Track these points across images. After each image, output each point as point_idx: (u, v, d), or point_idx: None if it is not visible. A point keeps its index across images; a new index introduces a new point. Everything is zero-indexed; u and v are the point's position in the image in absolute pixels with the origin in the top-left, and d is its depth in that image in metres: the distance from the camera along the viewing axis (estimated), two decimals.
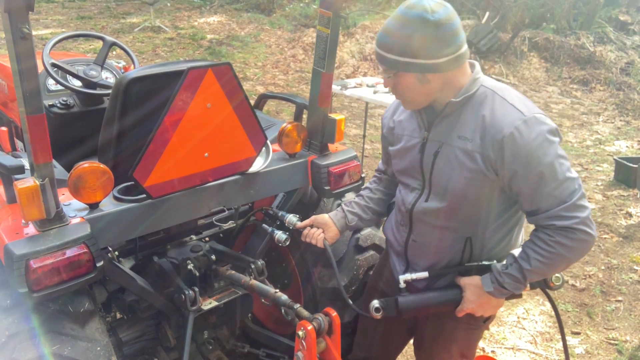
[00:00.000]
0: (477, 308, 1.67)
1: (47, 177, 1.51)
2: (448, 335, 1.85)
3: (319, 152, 2.28)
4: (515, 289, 1.60)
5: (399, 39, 1.47)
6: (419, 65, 1.48)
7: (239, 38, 10.43)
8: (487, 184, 1.55)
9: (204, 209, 2.00)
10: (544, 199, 1.48)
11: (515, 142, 1.45)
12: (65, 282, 1.58)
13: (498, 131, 1.47)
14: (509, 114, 1.48)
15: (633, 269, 4.10)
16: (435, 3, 1.45)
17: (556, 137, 1.49)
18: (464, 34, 1.51)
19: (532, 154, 1.45)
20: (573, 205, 1.45)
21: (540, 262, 1.52)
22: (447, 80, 1.53)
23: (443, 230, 1.69)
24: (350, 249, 2.35)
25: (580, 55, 10.04)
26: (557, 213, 1.46)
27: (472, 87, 1.54)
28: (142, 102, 1.93)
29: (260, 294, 2.05)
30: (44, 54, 2.59)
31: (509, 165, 1.48)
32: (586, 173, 6.01)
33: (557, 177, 1.45)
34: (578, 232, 1.46)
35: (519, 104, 1.51)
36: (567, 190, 1.46)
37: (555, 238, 1.48)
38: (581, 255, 1.53)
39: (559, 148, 1.49)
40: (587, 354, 3.18)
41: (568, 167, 1.48)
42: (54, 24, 10.84)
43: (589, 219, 1.47)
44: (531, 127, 1.45)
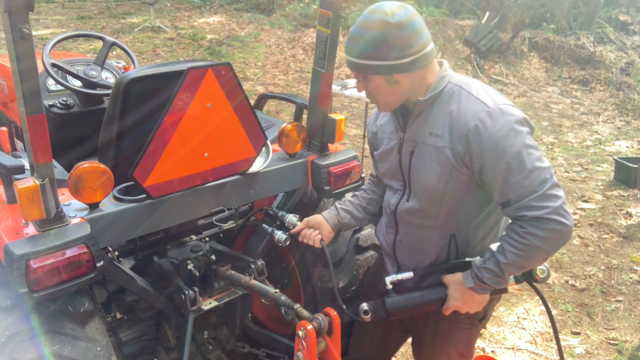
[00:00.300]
0: (461, 305, 1.67)
1: (47, 177, 1.51)
2: (444, 336, 1.85)
3: (319, 152, 2.28)
4: (496, 284, 1.59)
5: (364, 43, 1.51)
6: (385, 66, 1.51)
7: (239, 38, 10.43)
8: (461, 178, 1.57)
9: (204, 209, 2.00)
10: (514, 190, 1.47)
11: (479, 134, 1.47)
12: (65, 282, 1.58)
13: (463, 125, 1.49)
14: (473, 107, 1.50)
15: (633, 269, 4.10)
16: (395, 6, 1.49)
17: (524, 126, 1.49)
18: (428, 33, 1.53)
19: (498, 144, 1.45)
20: (544, 194, 1.44)
21: (516, 255, 1.50)
22: (416, 79, 1.56)
23: (426, 229, 1.71)
24: (350, 249, 2.35)
25: (580, 55, 10.04)
26: (528, 203, 1.45)
27: (440, 85, 1.57)
28: (142, 102, 1.93)
29: (260, 294, 2.05)
30: (44, 54, 2.59)
31: (477, 158, 1.49)
32: (586, 173, 6.01)
33: (525, 166, 1.45)
34: (550, 222, 1.43)
35: (484, 96, 1.52)
36: (536, 179, 1.45)
37: (527, 229, 1.47)
38: (557, 245, 1.51)
39: (528, 138, 1.49)
40: (587, 354, 3.18)
41: (538, 157, 1.47)
42: (54, 24, 10.84)
43: (562, 208, 1.44)
44: (495, 119, 1.47)
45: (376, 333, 2.10)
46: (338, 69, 9.23)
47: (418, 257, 1.77)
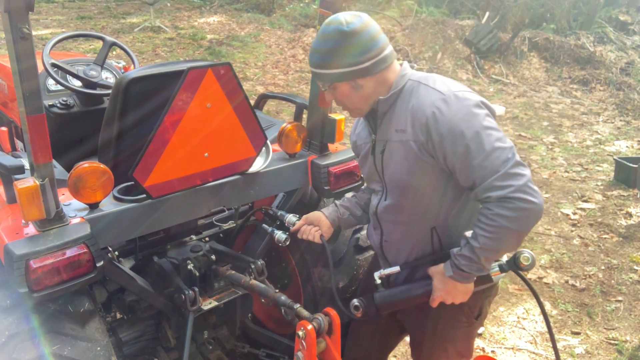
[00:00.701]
0: (445, 295, 1.66)
1: (47, 177, 1.51)
2: (442, 335, 1.85)
3: (318, 152, 2.28)
4: (475, 270, 1.58)
5: (324, 54, 1.59)
6: (348, 73, 1.59)
7: (239, 38, 10.43)
8: (428, 169, 1.59)
9: (204, 209, 2.00)
10: (476, 172, 1.49)
11: (437, 121, 1.51)
12: (65, 282, 1.59)
13: (422, 114, 1.54)
14: (430, 96, 1.55)
15: (633, 269, 4.10)
16: (350, 16, 1.57)
17: (481, 109, 1.52)
18: (385, 37, 1.61)
19: (455, 129, 1.48)
20: (506, 174, 1.44)
21: (487, 238, 1.51)
22: (379, 81, 1.63)
23: (406, 225, 1.74)
24: (350, 249, 2.36)
25: (580, 55, 10.05)
26: (491, 184, 1.46)
27: (400, 83, 1.63)
28: (142, 102, 1.93)
29: (260, 294, 2.05)
30: (44, 54, 2.58)
31: (438, 145, 1.52)
32: (586, 173, 6.01)
33: (485, 148, 1.47)
34: (515, 201, 1.43)
35: (440, 86, 1.57)
36: (497, 159, 1.46)
37: (494, 211, 1.47)
38: (527, 225, 1.49)
39: (486, 120, 1.50)
40: (587, 354, 3.18)
41: (498, 138, 1.48)
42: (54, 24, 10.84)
43: (527, 186, 1.44)
44: (451, 104, 1.51)
45: (375, 333, 2.10)
46: None
47: (404, 254, 1.79)
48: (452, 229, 1.70)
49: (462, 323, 1.82)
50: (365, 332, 2.12)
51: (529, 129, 7.50)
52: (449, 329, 1.83)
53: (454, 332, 1.84)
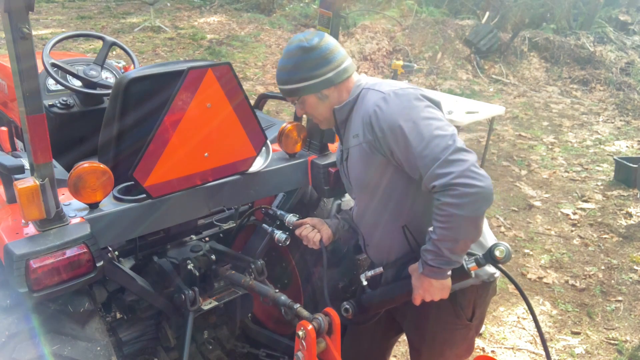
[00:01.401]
0: (423, 293, 1.65)
1: (47, 177, 1.51)
2: (437, 337, 1.86)
3: (318, 152, 2.28)
4: (443, 264, 1.56)
5: (289, 70, 1.71)
6: (312, 85, 1.70)
7: (239, 38, 10.43)
8: (383, 168, 1.64)
9: (204, 209, 2.00)
10: (418, 162, 1.51)
11: (378, 118, 1.58)
12: (65, 282, 1.58)
13: (367, 115, 1.62)
14: (373, 97, 1.64)
15: (633, 269, 4.10)
16: (309, 33, 1.71)
17: (420, 101, 1.56)
18: (344, 51, 1.75)
19: (394, 123, 1.54)
20: (446, 160, 1.45)
21: (442, 229, 1.50)
22: (342, 92, 1.74)
23: (379, 226, 1.78)
24: (350, 249, 2.35)
25: (580, 55, 10.04)
26: (433, 172, 1.47)
27: (355, 92, 1.73)
28: (142, 102, 1.93)
29: (260, 294, 2.05)
30: (44, 54, 2.58)
31: (383, 141, 1.57)
32: (586, 173, 6.01)
33: (423, 137, 1.49)
34: (458, 187, 1.43)
35: (384, 87, 1.64)
36: (437, 147, 1.47)
37: (442, 200, 1.47)
38: (476, 209, 1.46)
39: (425, 110, 1.54)
40: (587, 354, 3.18)
41: (438, 126, 1.51)
42: (54, 24, 10.84)
43: (469, 170, 1.43)
44: (389, 101, 1.58)
45: (374, 334, 2.10)
46: None
47: (385, 255, 1.82)
48: (424, 226, 1.67)
49: (456, 325, 1.81)
50: (365, 333, 2.12)
51: (529, 129, 7.50)
52: (443, 331, 1.83)
53: (449, 334, 1.84)
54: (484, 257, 1.61)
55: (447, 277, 1.61)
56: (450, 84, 8.99)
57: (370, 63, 9.51)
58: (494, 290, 1.89)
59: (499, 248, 1.57)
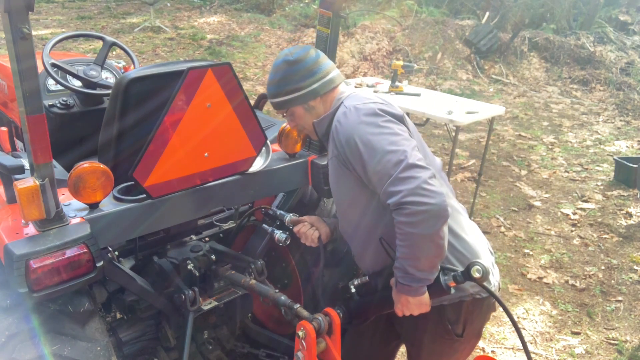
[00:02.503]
0: (403, 308, 1.64)
1: (47, 177, 1.51)
2: (428, 348, 1.85)
3: (318, 152, 2.28)
4: (412, 282, 1.53)
5: (277, 84, 1.74)
6: (299, 97, 1.72)
7: (239, 38, 10.43)
8: (352, 181, 1.64)
9: (204, 209, 2.00)
10: (372, 178, 1.50)
11: (337, 133, 1.60)
12: (65, 282, 1.58)
13: (332, 130, 1.65)
14: (339, 112, 1.65)
15: (633, 269, 4.10)
16: (294, 48, 1.75)
17: (377, 117, 1.54)
18: (330, 63, 1.78)
19: (350, 138, 1.55)
20: (396, 179, 1.43)
21: (402, 247, 1.49)
22: (326, 102, 1.75)
23: (358, 238, 1.79)
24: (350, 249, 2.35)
25: (580, 55, 10.04)
26: (386, 190, 1.46)
27: (334, 105, 1.73)
28: (142, 102, 1.93)
29: (260, 294, 2.04)
30: (44, 54, 2.58)
31: (343, 155, 1.59)
32: (586, 173, 6.01)
33: (376, 152, 1.48)
34: (409, 205, 1.40)
35: (349, 101, 1.65)
36: (388, 163, 1.45)
37: (397, 219, 1.45)
38: (430, 226, 1.43)
39: (381, 127, 1.51)
40: (587, 354, 3.18)
41: (392, 141, 1.48)
42: (54, 24, 10.84)
43: (420, 188, 1.40)
44: (348, 116, 1.58)
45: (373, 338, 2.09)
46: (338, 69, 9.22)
47: (368, 265, 1.82)
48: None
49: (445, 339, 1.79)
50: (364, 337, 2.12)
51: (529, 129, 7.50)
52: (433, 344, 1.83)
53: (439, 347, 1.83)
54: (463, 274, 1.57)
55: (422, 293, 1.58)
56: (450, 84, 8.99)
57: (370, 63, 9.51)
58: (489, 307, 1.81)
59: (476, 267, 1.52)
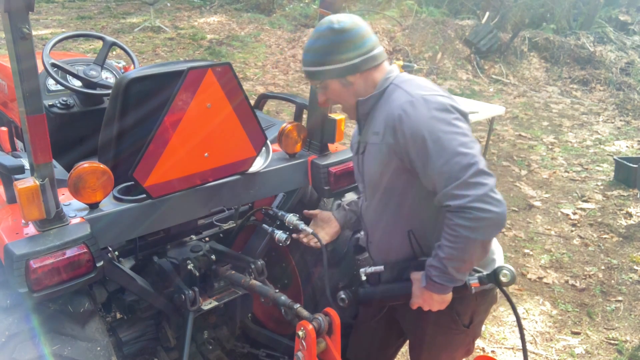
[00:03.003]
0: (423, 303, 1.65)
1: (47, 177, 1.51)
2: (433, 339, 1.86)
3: (319, 152, 2.28)
4: (447, 282, 1.55)
5: (316, 52, 1.63)
6: (337, 69, 1.62)
7: (239, 38, 10.43)
8: (398, 172, 1.59)
9: (204, 209, 2.00)
10: (436, 177, 1.47)
11: (402, 123, 1.51)
12: (65, 282, 1.58)
13: (391, 117, 1.55)
14: (400, 98, 1.56)
15: (633, 269, 4.10)
16: (341, 16, 1.63)
17: (449, 113, 1.49)
18: (375, 38, 1.65)
19: (418, 132, 1.47)
20: (464, 182, 1.42)
21: (451, 248, 1.49)
22: (367, 80, 1.65)
23: (384, 226, 1.75)
24: (350, 249, 2.35)
25: (580, 55, 10.04)
26: (450, 192, 1.44)
27: (382, 86, 1.64)
28: (142, 102, 1.93)
29: (260, 294, 2.05)
30: (44, 54, 2.58)
31: (403, 147, 1.52)
32: (586, 173, 6.01)
33: (446, 152, 1.44)
34: (474, 211, 1.40)
35: (413, 89, 1.56)
36: (457, 165, 1.43)
37: (454, 221, 1.45)
38: (489, 234, 1.47)
39: (452, 124, 1.48)
40: (587, 354, 3.18)
41: (462, 143, 1.45)
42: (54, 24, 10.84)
43: (487, 195, 1.41)
44: (417, 107, 1.50)
45: (375, 334, 2.10)
46: None
47: (385, 255, 1.79)
48: (430, 234, 1.66)
49: (452, 330, 1.80)
50: (367, 332, 2.12)
51: (529, 129, 7.50)
52: (440, 335, 1.83)
53: (446, 338, 1.84)
54: (488, 277, 1.61)
55: (449, 292, 1.61)
56: (450, 84, 8.99)
57: None
58: (494, 299, 1.86)
59: (504, 272, 1.57)
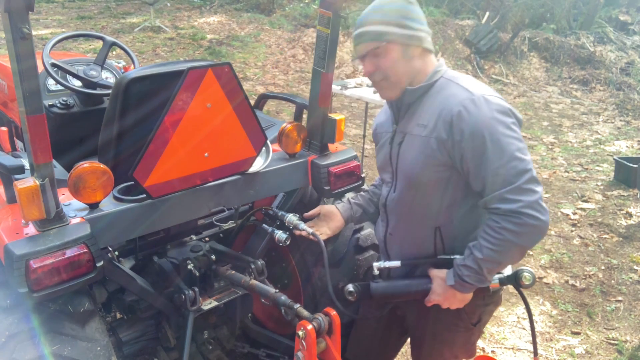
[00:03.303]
0: (442, 301, 1.67)
1: (47, 177, 1.51)
2: (439, 337, 1.86)
3: (319, 152, 2.28)
4: (477, 282, 1.58)
5: (387, 12, 1.57)
6: (406, 34, 1.56)
7: (239, 38, 10.43)
8: (442, 168, 1.58)
9: (204, 209, 2.00)
10: (489, 178, 1.48)
11: (462, 120, 1.49)
12: (65, 282, 1.58)
13: (448, 112, 1.53)
14: (459, 94, 1.54)
15: (633, 269, 4.10)
16: None
17: (508, 117, 1.50)
18: None
19: (478, 131, 1.47)
20: (518, 188, 1.44)
21: (491, 250, 1.50)
22: (424, 61, 1.62)
23: (411, 220, 1.73)
24: (350, 249, 2.35)
25: (580, 55, 10.05)
26: (502, 195, 1.45)
27: (432, 78, 1.62)
28: (142, 102, 1.93)
29: (260, 294, 2.04)
30: (44, 54, 2.58)
31: (458, 144, 1.51)
32: (586, 173, 6.01)
33: (503, 155, 1.45)
34: (524, 217, 1.43)
35: (471, 86, 1.56)
36: (513, 169, 1.45)
37: (501, 224, 1.47)
38: (532, 241, 1.51)
39: (511, 128, 1.49)
40: (587, 354, 3.18)
41: (519, 148, 1.47)
42: (54, 24, 10.84)
43: (537, 203, 1.44)
44: (478, 106, 1.49)
45: (376, 333, 2.10)
46: (338, 69, 9.23)
47: (405, 250, 1.79)
48: (457, 233, 1.68)
49: (459, 327, 1.81)
50: (367, 330, 2.12)
51: (529, 129, 7.50)
52: (446, 332, 1.83)
53: (451, 336, 1.84)
54: (508, 278, 1.65)
55: (472, 291, 1.63)
56: None
57: None
58: (500, 299, 1.87)
59: (525, 274, 1.62)
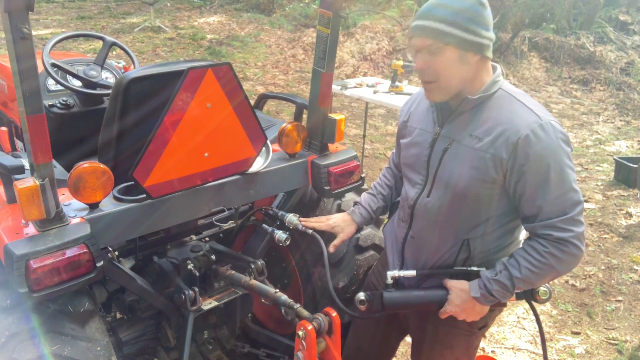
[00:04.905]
0: (460, 312, 1.67)
1: (47, 177, 1.51)
2: (443, 341, 1.85)
3: (319, 152, 2.28)
4: (502, 297, 1.60)
5: (455, 12, 1.45)
6: (468, 40, 1.46)
7: (239, 38, 10.43)
8: (489, 185, 1.55)
9: (204, 209, 2.00)
10: (546, 205, 1.49)
11: (529, 144, 1.46)
12: (65, 282, 1.58)
13: (514, 132, 1.47)
14: (526, 116, 1.49)
15: (633, 269, 4.10)
16: None
17: (569, 147, 1.52)
18: None
19: (544, 158, 1.46)
20: (571, 218, 1.49)
21: (530, 272, 1.54)
22: (481, 70, 1.55)
23: (442, 228, 1.69)
24: (350, 249, 2.35)
25: (580, 55, 10.04)
26: (555, 224, 1.49)
27: (491, 88, 1.56)
28: (142, 102, 1.93)
29: (260, 294, 2.05)
30: (44, 54, 2.58)
31: (520, 167, 1.48)
32: (586, 173, 6.01)
33: (564, 185, 1.48)
34: (571, 246, 1.49)
35: (537, 108, 1.53)
36: (569, 200, 1.48)
37: (548, 249, 1.51)
38: (569, 269, 1.58)
39: (569, 158, 1.51)
40: (587, 354, 3.18)
41: (574, 179, 1.51)
42: (54, 24, 10.85)
43: (582, 235, 1.50)
44: (547, 132, 1.46)
45: (374, 337, 2.09)
46: (338, 69, 9.23)
47: (425, 256, 1.75)
48: (484, 247, 1.67)
49: (463, 331, 1.80)
50: (366, 332, 2.11)
51: None
52: (448, 335, 1.82)
53: (454, 339, 1.83)
54: (525, 293, 1.68)
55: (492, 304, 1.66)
56: None
57: (370, 63, 9.51)
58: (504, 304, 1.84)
59: (543, 290, 1.65)
